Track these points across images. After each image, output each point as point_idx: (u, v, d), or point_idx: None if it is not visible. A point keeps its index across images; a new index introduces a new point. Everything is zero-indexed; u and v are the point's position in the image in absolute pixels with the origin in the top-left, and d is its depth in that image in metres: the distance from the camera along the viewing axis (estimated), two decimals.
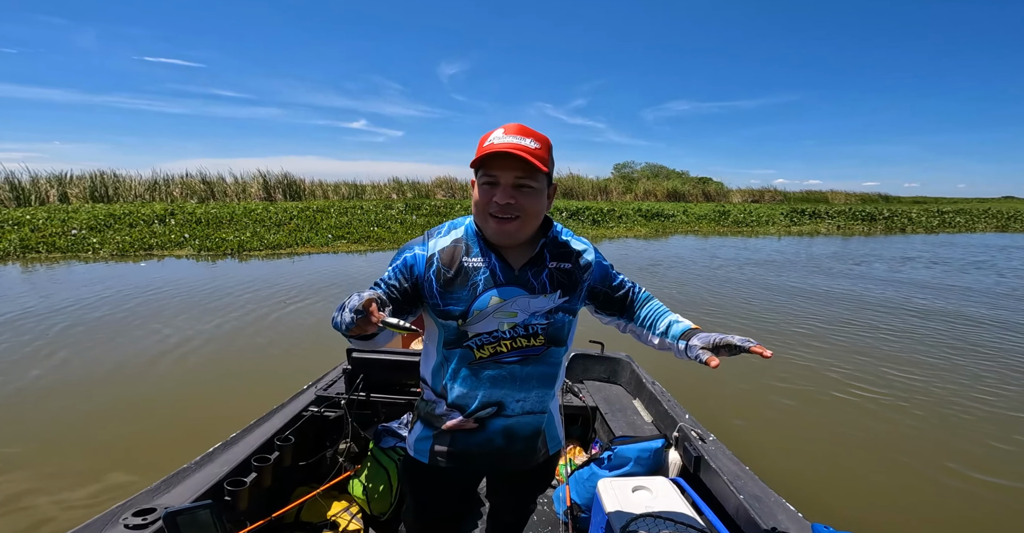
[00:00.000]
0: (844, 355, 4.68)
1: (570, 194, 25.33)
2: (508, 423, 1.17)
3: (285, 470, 1.86)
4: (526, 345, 1.12)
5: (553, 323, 1.13)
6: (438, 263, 1.09)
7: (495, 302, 1.08)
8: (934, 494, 2.70)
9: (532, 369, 1.14)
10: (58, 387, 3.68)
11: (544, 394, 1.18)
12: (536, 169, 1.01)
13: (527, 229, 1.06)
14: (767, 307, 6.46)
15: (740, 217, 20.28)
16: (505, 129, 1.02)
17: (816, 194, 36.72)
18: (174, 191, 18.61)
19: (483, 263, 1.09)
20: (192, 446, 1.88)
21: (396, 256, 1.14)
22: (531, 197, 1.03)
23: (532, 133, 1.02)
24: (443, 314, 1.09)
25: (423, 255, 1.10)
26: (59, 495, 2.47)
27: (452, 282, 1.08)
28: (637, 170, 38.87)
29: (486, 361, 1.11)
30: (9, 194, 15.17)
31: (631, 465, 1.90)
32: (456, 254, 1.10)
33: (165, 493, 1.42)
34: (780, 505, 1.48)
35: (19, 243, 9.46)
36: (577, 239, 1.22)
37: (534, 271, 1.11)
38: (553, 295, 1.12)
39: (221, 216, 13.24)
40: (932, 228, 20.89)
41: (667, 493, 1.58)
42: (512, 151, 0.97)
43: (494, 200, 1.02)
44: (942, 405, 3.69)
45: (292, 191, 20.28)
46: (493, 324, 1.09)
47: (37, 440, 2.96)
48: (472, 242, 1.11)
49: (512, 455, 1.21)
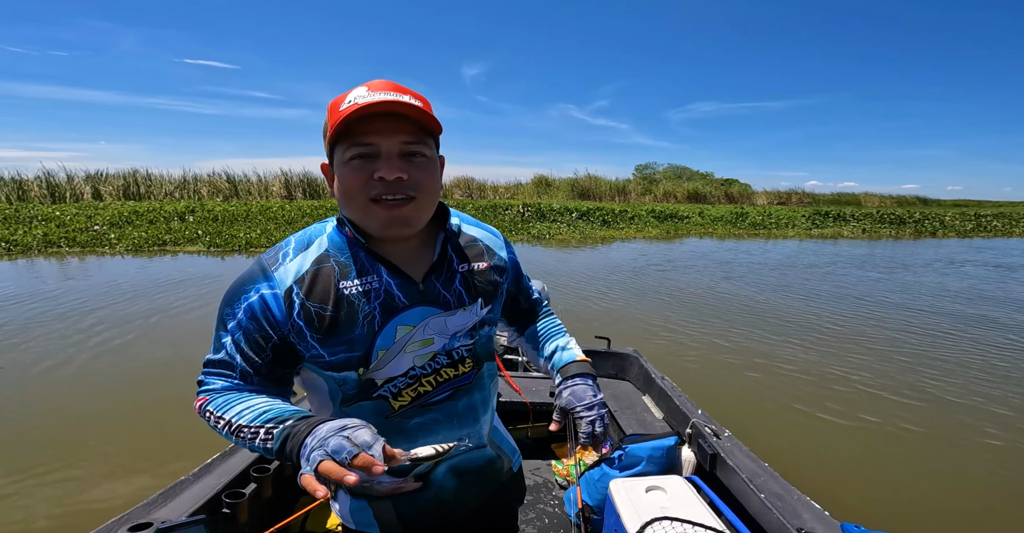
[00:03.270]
0: (860, 352, 4.60)
1: (586, 195, 25.18)
2: (453, 463, 0.93)
3: (287, 480, 1.79)
4: (454, 375, 0.87)
5: (479, 340, 0.90)
6: (301, 300, 0.77)
7: (403, 332, 0.81)
8: (972, 497, 2.59)
9: (466, 400, 0.90)
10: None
11: (483, 422, 0.95)
12: (427, 130, 0.77)
13: (425, 214, 0.81)
14: (777, 309, 6.35)
15: (758, 219, 19.79)
16: (369, 86, 0.76)
17: (847, 196, 35.48)
18: (201, 189, 19.40)
19: (372, 284, 0.80)
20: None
21: (226, 310, 0.79)
22: (425, 169, 0.78)
23: (408, 89, 0.77)
24: (332, 366, 0.80)
25: (275, 294, 0.77)
26: (66, 498, 2.47)
27: (334, 322, 0.77)
28: (659, 171, 38.35)
29: (409, 409, 0.85)
30: (45, 191, 16.10)
31: (643, 464, 1.83)
32: (327, 280, 0.79)
33: (162, 507, 1.37)
34: (805, 503, 1.39)
35: (43, 238, 10.03)
36: (483, 227, 0.97)
37: (443, 280, 0.85)
38: (474, 307, 0.88)
39: (238, 214, 13.73)
40: (965, 232, 19.95)
41: (682, 492, 1.51)
42: (392, 107, 0.72)
43: (377, 177, 0.74)
44: (969, 405, 3.60)
45: (312, 190, 20.86)
46: (407, 362, 0.82)
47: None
48: (346, 256, 0.81)
49: (470, 490, 0.96)
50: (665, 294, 7.16)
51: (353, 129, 0.74)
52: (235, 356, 0.79)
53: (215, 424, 0.77)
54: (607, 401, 2.26)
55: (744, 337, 5.20)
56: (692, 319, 5.85)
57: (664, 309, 6.30)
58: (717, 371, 4.18)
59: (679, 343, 4.92)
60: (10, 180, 16.02)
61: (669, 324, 5.61)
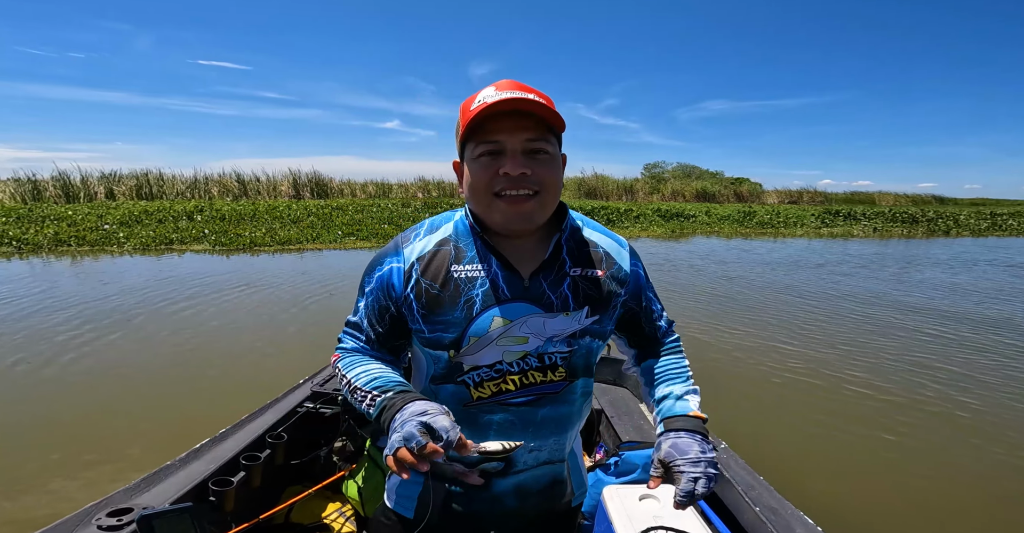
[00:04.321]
0: (861, 359, 4.58)
1: (593, 194, 25.14)
2: (520, 480, 0.90)
3: (276, 469, 1.76)
4: (541, 381, 0.85)
5: (577, 351, 0.86)
6: (417, 276, 0.83)
7: (498, 324, 0.82)
8: (970, 513, 2.57)
9: (550, 411, 0.87)
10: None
11: (564, 439, 0.91)
12: (550, 127, 0.79)
13: (547, 210, 0.82)
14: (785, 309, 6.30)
15: (766, 218, 19.61)
16: (497, 86, 0.79)
17: (861, 195, 35.00)
18: (212, 189, 19.71)
19: (480, 272, 0.83)
20: (172, 445, 1.83)
21: (367, 278, 0.88)
22: (548, 166, 0.79)
23: (531, 88, 0.79)
24: (429, 343, 0.84)
25: (399, 268, 0.84)
26: (48, 487, 2.52)
27: (438, 300, 0.82)
28: (668, 170, 38.13)
29: (486, 403, 0.85)
30: (60, 191, 16.47)
31: (638, 472, 1.81)
32: (442, 261, 0.84)
33: (144, 492, 1.32)
34: (798, 518, 1.38)
35: (53, 237, 10.28)
36: (608, 234, 0.94)
37: (551, 281, 0.84)
38: (579, 314, 0.84)
39: (245, 213, 13.94)
40: (980, 231, 19.57)
41: None
42: (518, 105, 0.74)
43: (502, 173, 0.77)
44: (973, 413, 3.57)
45: (320, 189, 21.07)
46: (496, 354, 0.82)
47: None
48: (465, 243, 0.85)
49: (527, 512, 0.94)
50: (664, 296, 7.13)
51: (481, 127, 0.77)
52: (363, 321, 0.88)
53: (340, 380, 0.86)
54: (604, 407, 2.24)
55: (745, 340, 5.17)
56: (693, 319, 5.84)
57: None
58: (714, 379, 4.12)
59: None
60: (26, 180, 16.42)
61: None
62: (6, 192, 16.25)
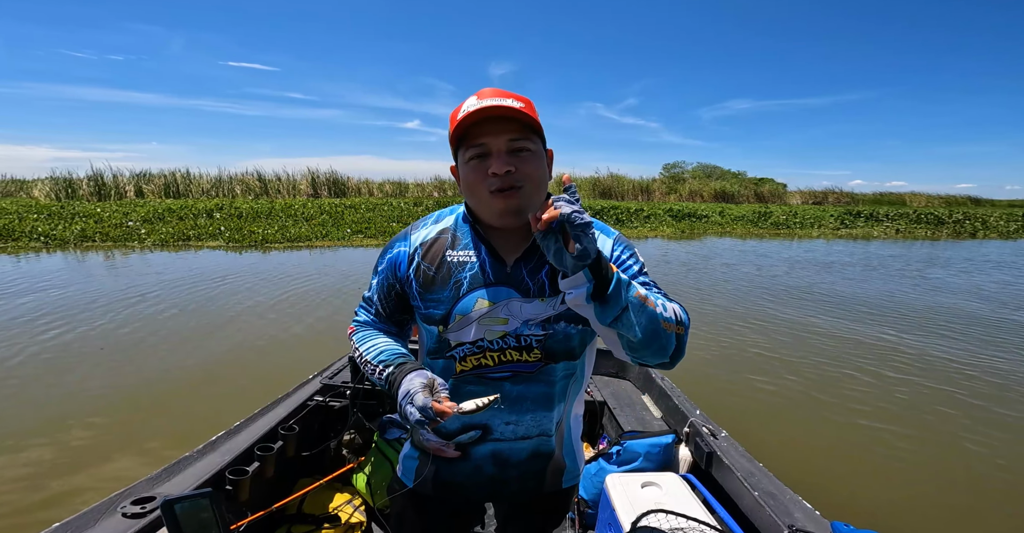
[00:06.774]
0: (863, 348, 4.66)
1: (608, 194, 25.07)
2: (498, 448, 0.99)
3: (288, 460, 1.83)
4: (517, 359, 0.94)
5: (552, 335, 0.93)
6: (419, 259, 0.96)
7: (482, 306, 0.92)
8: (960, 496, 2.65)
9: (525, 388, 0.96)
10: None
11: (543, 417, 0.99)
12: (529, 127, 0.88)
13: (534, 202, 0.88)
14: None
15: (781, 219, 19.25)
16: (479, 95, 0.88)
17: (891, 196, 33.98)
18: (235, 188, 20.40)
19: (471, 257, 0.93)
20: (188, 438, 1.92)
21: (380, 259, 1.01)
22: (531, 162, 0.87)
23: (511, 94, 0.88)
24: (425, 318, 0.96)
25: (406, 251, 0.97)
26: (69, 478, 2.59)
27: (433, 280, 0.94)
28: (687, 170, 37.57)
29: (467, 375, 0.95)
30: (93, 190, 17.33)
31: (640, 460, 1.87)
32: (439, 247, 0.96)
33: (165, 481, 1.38)
34: (796, 503, 1.41)
35: (79, 232, 10.89)
36: (594, 225, 0.95)
37: (531, 268, 0.92)
38: (553, 300, 0.91)
39: (261, 211, 14.44)
40: (1008, 233, 18.80)
41: (677, 489, 1.53)
42: (496, 111, 0.84)
43: (490, 172, 0.85)
44: (970, 402, 3.65)
45: (337, 188, 21.58)
46: (477, 332, 0.92)
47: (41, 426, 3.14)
48: (462, 232, 0.96)
49: (508, 482, 1.03)
50: (672, 292, 7.17)
51: (468, 133, 0.87)
52: (374, 296, 1.02)
53: (354, 352, 1.00)
54: (607, 399, 2.36)
55: (745, 337, 5.19)
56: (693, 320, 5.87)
57: None
58: (716, 371, 4.18)
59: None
60: (61, 179, 17.33)
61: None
62: (42, 190, 17.20)
